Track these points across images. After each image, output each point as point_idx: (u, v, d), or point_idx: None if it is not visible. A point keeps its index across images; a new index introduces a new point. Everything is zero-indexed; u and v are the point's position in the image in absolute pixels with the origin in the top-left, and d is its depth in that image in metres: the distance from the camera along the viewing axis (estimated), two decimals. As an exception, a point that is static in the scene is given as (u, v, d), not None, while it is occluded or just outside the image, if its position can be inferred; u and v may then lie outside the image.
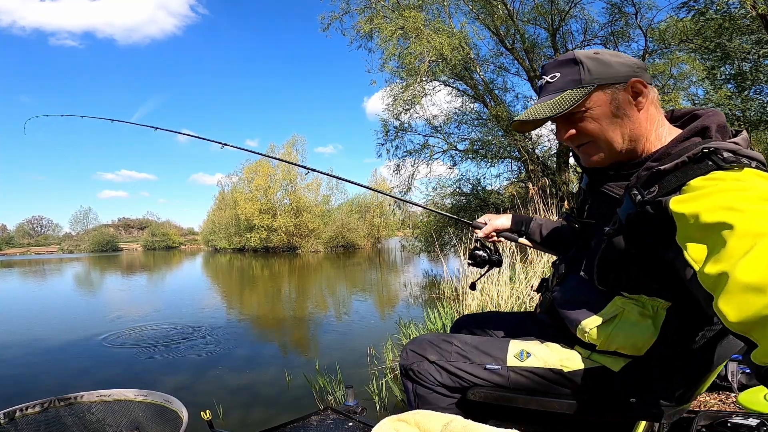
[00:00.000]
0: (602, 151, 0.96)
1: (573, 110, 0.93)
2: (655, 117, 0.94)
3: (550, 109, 0.94)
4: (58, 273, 23.63)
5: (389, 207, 20.49)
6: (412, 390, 1.14)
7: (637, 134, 0.93)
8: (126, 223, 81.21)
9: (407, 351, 1.17)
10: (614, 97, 0.91)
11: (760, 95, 8.71)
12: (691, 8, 8.58)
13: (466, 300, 4.81)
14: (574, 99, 0.91)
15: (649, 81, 0.93)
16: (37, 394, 1.53)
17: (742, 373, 2.31)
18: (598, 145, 0.96)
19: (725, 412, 1.25)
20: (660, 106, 0.96)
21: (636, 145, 0.94)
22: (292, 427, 1.74)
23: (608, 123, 0.92)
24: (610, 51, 0.98)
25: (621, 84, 0.91)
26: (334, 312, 8.57)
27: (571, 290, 1.07)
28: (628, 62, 0.93)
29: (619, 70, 0.91)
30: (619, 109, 0.92)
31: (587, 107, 0.92)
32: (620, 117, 0.92)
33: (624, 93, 0.91)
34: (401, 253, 23.87)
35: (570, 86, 0.93)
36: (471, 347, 1.12)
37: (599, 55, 0.94)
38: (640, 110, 0.92)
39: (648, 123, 0.93)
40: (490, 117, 12.29)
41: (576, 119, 0.94)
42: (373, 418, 1.71)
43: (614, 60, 0.93)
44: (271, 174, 38.35)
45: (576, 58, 0.94)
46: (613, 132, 0.93)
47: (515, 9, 11.90)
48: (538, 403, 1.05)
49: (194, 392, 4.01)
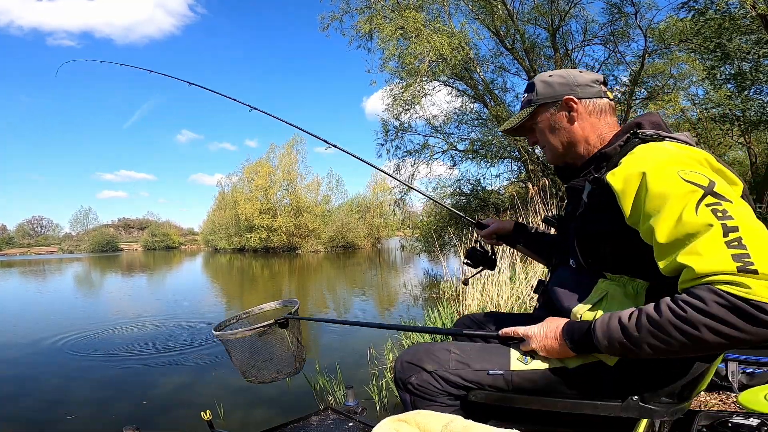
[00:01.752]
0: (550, 153, 1.20)
1: (525, 123, 1.19)
2: (594, 125, 1.14)
3: (510, 122, 1.23)
4: (58, 273, 23.63)
5: (389, 207, 20.48)
6: (411, 402, 1.10)
7: (573, 140, 1.15)
8: (126, 223, 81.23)
9: (401, 363, 1.13)
10: (552, 113, 1.15)
11: (760, 95, 8.70)
12: (691, 8, 8.58)
13: (466, 300, 4.81)
14: (524, 115, 1.18)
15: (588, 95, 1.13)
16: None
17: (743, 373, 2.31)
18: (546, 147, 1.20)
19: (725, 412, 1.25)
20: (610, 116, 1.15)
21: (575, 149, 1.15)
22: (292, 427, 1.74)
23: (549, 133, 1.17)
24: (570, 70, 1.18)
25: (558, 102, 1.14)
26: (334, 312, 8.57)
27: (561, 280, 1.12)
28: (570, 82, 1.14)
29: (558, 90, 1.14)
30: (555, 122, 1.15)
31: (536, 121, 1.18)
32: (557, 128, 1.16)
33: (559, 109, 1.14)
34: (401, 253, 23.89)
35: (525, 105, 1.20)
36: (470, 353, 1.09)
37: (551, 77, 1.16)
38: (574, 122, 1.13)
39: (583, 131, 1.14)
40: (490, 117, 12.29)
41: (532, 129, 1.20)
42: (373, 418, 1.71)
43: (558, 81, 1.15)
44: (272, 174, 38.37)
45: (533, 82, 1.19)
46: (552, 139, 1.17)
47: (515, 9, 11.90)
48: (539, 403, 1.05)
49: (194, 392, 4.01)
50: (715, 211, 0.79)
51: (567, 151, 1.16)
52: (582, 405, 1.02)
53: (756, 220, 0.81)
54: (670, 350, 0.81)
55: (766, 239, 0.76)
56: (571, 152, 1.16)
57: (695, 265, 0.77)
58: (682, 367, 0.96)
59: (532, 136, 1.22)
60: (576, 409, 1.02)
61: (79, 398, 3.97)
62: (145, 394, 3.99)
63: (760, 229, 0.78)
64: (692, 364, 0.96)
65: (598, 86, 1.14)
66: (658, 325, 0.80)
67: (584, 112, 1.13)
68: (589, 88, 1.14)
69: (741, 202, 0.83)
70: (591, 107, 1.13)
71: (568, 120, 1.14)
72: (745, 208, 0.82)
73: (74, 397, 4.02)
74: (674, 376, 0.97)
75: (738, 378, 2.30)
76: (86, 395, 4.05)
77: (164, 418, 3.48)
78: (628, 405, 0.98)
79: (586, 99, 1.13)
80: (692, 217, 0.79)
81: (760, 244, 0.75)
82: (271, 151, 39.98)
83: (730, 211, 0.79)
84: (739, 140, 11.15)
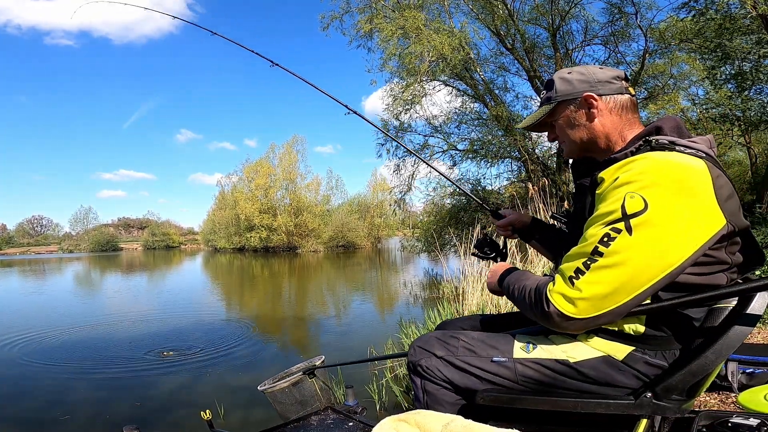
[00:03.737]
0: (568, 148, 1.21)
1: (545, 120, 1.21)
2: (615, 122, 1.13)
3: (530, 120, 1.25)
4: (58, 272, 23.63)
5: (389, 207, 20.46)
6: (421, 386, 1.16)
7: (593, 137, 1.15)
8: (126, 222, 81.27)
9: (415, 348, 1.20)
10: (571, 110, 1.16)
11: (760, 95, 8.69)
12: (691, 8, 8.57)
13: (466, 300, 4.81)
14: (543, 113, 1.20)
15: (608, 92, 1.12)
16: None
17: (742, 373, 2.32)
18: (566, 143, 1.21)
19: (725, 412, 1.25)
20: (632, 112, 1.14)
21: (596, 145, 1.15)
22: (292, 427, 1.74)
23: (568, 129, 1.17)
24: (589, 67, 1.18)
25: (577, 99, 1.14)
26: (334, 312, 8.58)
27: None
28: (590, 79, 1.13)
29: (577, 87, 1.14)
30: (575, 119, 1.16)
31: (556, 117, 1.19)
32: (576, 125, 1.16)
33: (578, 107, 1.14)
34: (401, 253, 23.87)
35: (544, 102, 1.21)
36: (478, 341, 1.15)
37: (571, 74, 1.16)
38: (593, 119, 1.13)
39: (603, 127, 1.13)
40: (490, 117, 12.29)
41: (552, 126, 1.22)
42: (373, 418, 1.71)
43: (577, 78, 1.15)
44: (272, 174, 38.37)
45: (552, 79, 1.19)
46: (572, 135, 1.17)
47: (515, 9, 11.91)
48: (549, 404, 1.04)
49: (194, 392, 4.01)
50: (607, 235, 0.90)
51: (587, 147, 1.17)
52: (594, 404, 1.01)
53: (633, 259, 0.88)
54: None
55: (612, 276, 0.88)
56: (591, 148, 1.17)
57: (562, 263, 0.97)
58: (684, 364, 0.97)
59: (552, 133, 1.24)
60: (587, 408, 1.01)
61: (79, 398, 3.97)
62: (145, 394, 3.99)
63: (620, 266, 0.88)
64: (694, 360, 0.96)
65: (619, 82, 1.13)
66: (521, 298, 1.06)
67: (605, 109, 1.12)
68: (609, 85, 1.13)
69: (642, 239, 0.88)
70: (612, 104, 1.12)
71: (587, 117, 1.13)
72: (638, 246, 0.88)
73: (74, 396, 4.02)
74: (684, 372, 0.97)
75: (738, 378, 2.30)
76: (86, 395, 4.05)
77: (164, 418, 3.49)
78: (642, 402, 0.98)
79: (607, 95, 1.12)
80: (594, 230, 0.93)
81: (601, 276, 0.89)
82: (271, 150, 40.06)
83: (618, 242, 0.89)
84: (739, 140, 11.15)
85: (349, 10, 11.97)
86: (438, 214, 13.47)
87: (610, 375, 1.02)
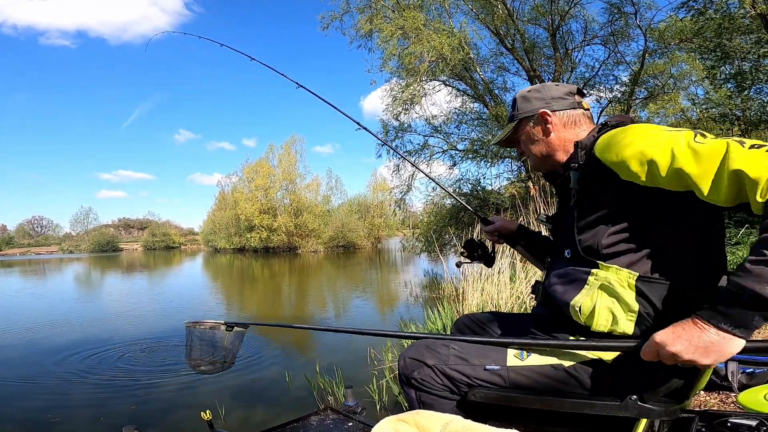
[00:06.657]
0: (532, 162, 1.29)
1: (512, 137, 1.29)
2: (569, 134, 1.19)
3: (498, 138, 1.35)
4: (58, 272, 23.63)
5: (389, 207, 20.48)
6: (416, 398, 1.13)
7: (551, 150, 1.21)
8: (126, 223, 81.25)
9: (405, 359, 1.15)
10: (531, 126, 1.23)
11: (760, 95, 8.70)
12: (690, 8, 8.58)
13: (466, 300, 4.81)
14: (508, 130, 1.28)
15: (561, 107, 1.19)
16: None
17: (742, 373, 2.31)
18: (530, 158, 1.28)
19: (725, 412, 1.25)
20: (586, 125, 1.20)
21: (554, 157, 1.22)
22: (292, 427, 1.74)
23: (530, 144, 1.25)
24: (547, 84, 1.25)
25: (535, 115, 1.21)
26: (334, 312, 8.58)
27: (557, 275, 1.13)
28: (545, 96, 1.21)
29: (534, 105, 1.21)
30: (533, 134, 1.23)
31: (519, 134, 1.27)
32: (536, 140, 1.23)
33: (536, 123, 1.22)
34: (401, 254, 23.86)
35: (510, 120, 1.29)
36: (469, 349, 1.12)
37: (530, 93, 1.24)
38: (549, 134, 1.20)
39: (559, 141, 1.20)
40: (490, 117, 12.29)
41: (518, 142, 1.29)
42: (373, 418, 1.71)
43: (535, 96, 1.22)
44: (271, 174, 38.38)
45: (515, 98, 1.28)
46: (533, 150, 1.25)
47: (515, 9, 11.91)
48: (539, 402, 1.05)
49: (194, 392, 4.01)
50: (717, 135, 0.86)
51: (547, 160, 1.24)
52: (581, 404, 1.02)
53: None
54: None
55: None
56: (550, 161, 1.23)
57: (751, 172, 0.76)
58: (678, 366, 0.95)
59: (519, 148, 1.32)
60: (575, 408, 1.02)
61: (79, 398, 3.97)
62: (145, 394, 3.99)
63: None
64: None
65: (572, 98, 1.21)
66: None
67: (559, 123, 1.20)
68: (562, 101, 1.20)
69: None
70: (565, 118, 1.20)
71: (544, 132, 1.21)
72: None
73: (74, 397, 4.02)
74: (672, 375, 0.97)
75: (738, 378, 2.29)
76: (85, 395, 4.05)
77: (164, 418, 3.49)
78: (627, 404, 0.99)
79: (561, 111, 1.20)
80: (703, 141, 0.85)
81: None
82: (270, 151, 40.05)
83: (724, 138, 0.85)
84: (739, 140, 11.13)
85: (349, 10, 11.99)
86: (438, 214, 13.46)
87: (601, 378, 1.03)
